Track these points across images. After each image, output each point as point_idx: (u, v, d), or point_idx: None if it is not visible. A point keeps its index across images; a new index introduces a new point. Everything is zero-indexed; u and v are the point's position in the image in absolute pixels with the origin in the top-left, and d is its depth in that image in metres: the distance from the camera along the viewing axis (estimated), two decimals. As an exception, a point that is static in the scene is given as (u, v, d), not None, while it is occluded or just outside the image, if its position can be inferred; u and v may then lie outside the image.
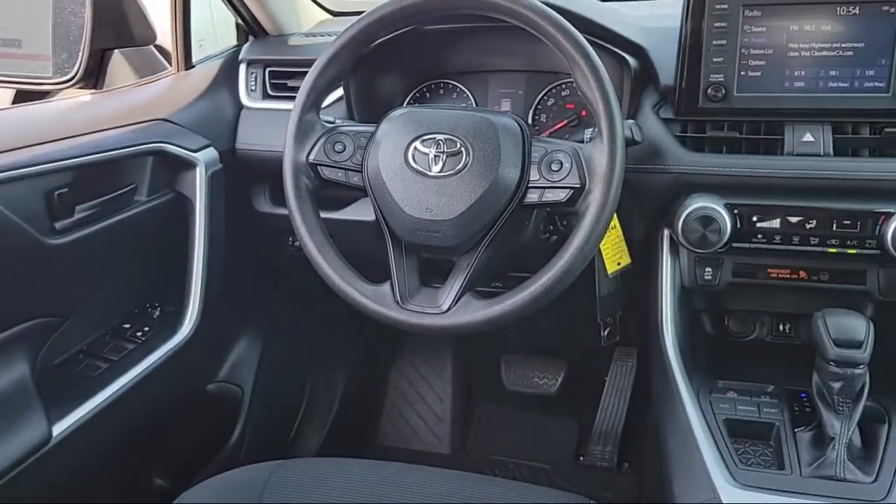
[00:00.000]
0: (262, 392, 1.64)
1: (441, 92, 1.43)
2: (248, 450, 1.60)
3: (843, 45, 1.08)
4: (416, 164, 1.05)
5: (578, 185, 1.00)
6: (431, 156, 1.04)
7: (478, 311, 1.02)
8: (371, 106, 1.37)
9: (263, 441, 1.66)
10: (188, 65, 1.47)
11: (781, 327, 1.30)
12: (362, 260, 1.13)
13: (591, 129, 1.09)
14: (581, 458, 1.87)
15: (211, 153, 1.35)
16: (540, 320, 1.57)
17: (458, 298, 1.04)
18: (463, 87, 1.42)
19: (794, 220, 1.12)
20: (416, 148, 1.05)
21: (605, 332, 1.30)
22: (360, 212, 1.32)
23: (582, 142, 1.06)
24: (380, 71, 1.38)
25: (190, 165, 1.32)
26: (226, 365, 1.58)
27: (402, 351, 2.05)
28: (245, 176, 1.46)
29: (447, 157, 1.04)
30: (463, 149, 1.03)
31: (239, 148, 1.44)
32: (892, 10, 1.05)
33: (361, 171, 1.10)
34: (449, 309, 1.04)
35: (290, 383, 1.81)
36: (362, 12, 1.09)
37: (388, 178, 1.06)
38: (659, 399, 1.17)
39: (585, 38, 1.02)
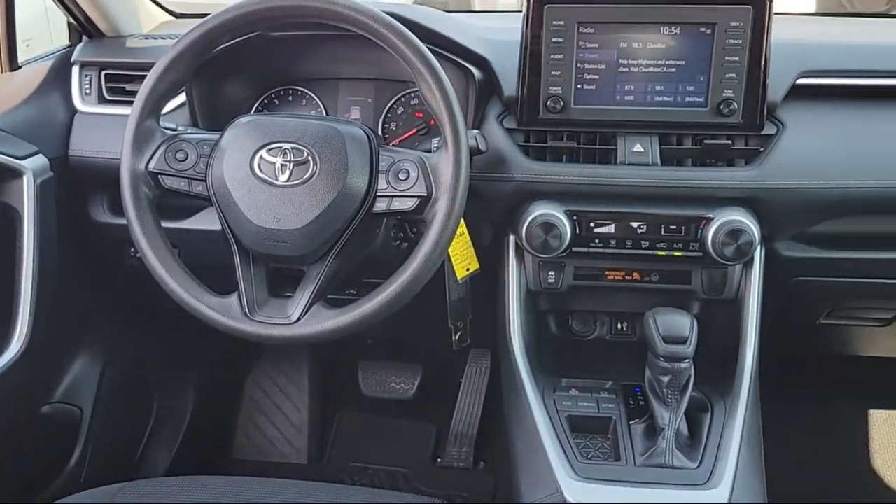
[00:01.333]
0: (104, 411, 1.55)
1: (290, 99, 1.42)
2: (90, 473, 1.52)
3: (667, 62, 1.17)
4: (263, 173, 1.03)
5: (425, 194, 1.02)
6: (278, 165, 1.03)
7: (328, 321, 1.02)
8: (216, 113, 1.33)
9: (107, 463, 1.57)
10: (13, 65, 1.37)
11: (619, 326, 1.38)
12: (210, 271, 1.10)
13: (438, 139, 1.12)
14: (439, 459, 1.90)
15: (40, 160, 1.27)
16: (395, 326, 1.59)
17: (308, 308, 1.03)
18: (312, 95, 1.41)
19: (627, 225, 1.19)
20: (262, 157, 1.04)
21: (457, 336, 1.33)
22: (207, 221, 1.29)
23: (430, 151, 1.08)
24: (225, 77, 1.35)
25: (16, 174, 1.23)
26: (63, 385, 1.48)
27: (257, 362, 2.00)
28: (80, 185, 1.38)
29: (294, 165, 1.03)
30: (310, 157, 1.03)
31: (72, 155, 1.36)
32: (708, 31, 1.14)
33: (205, 180, 1.07)
34: (298, 319, 1.03)
35: (136, 401, 1.73)
36: (206, 15, 1.06)
37: (234, 187, 1.04)
38: (507, 398, 1.21)
39: (430, 49, 1.04)
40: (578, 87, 1.18)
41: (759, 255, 1.21)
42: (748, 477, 1.04)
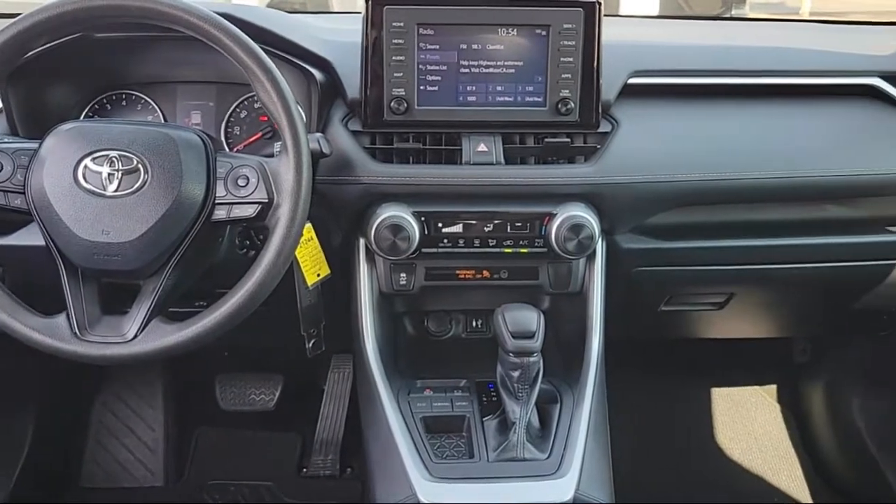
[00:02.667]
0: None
1: (124, 104, 1.34)
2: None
3: (506, 63, 1.19)
4: (88, 183, 0.97)
5: (266, 200, 1.00)
6: (105, 174, 0.97)
7: (167, 336, 0.97)
8: (39, 120, 1.23)
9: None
10: None
11: (475, 323, 1.40)
12: (39, 290, 1.03)
13: (280, 143, 1.09)
14: (304, 469, 1.86)
15: None
16: (250, 336, 1.54)
17: (146, 324, 0.98)
18: (148, 99, 1.34)
19: (474, 224, 1.21)
20: (86, 166, 0.97)
21: (310, 344, 1.30)
22: (31, 237, 1.19)
23: (272, 156, 1.05)
24: (47, 81, 1.26)
25: None
26: None
27: (106, 382, 1.89)
28: None
29: (123, 175, 0.97)
30: (140, 166, 0.98)
31: None
32: (543, 33, 1.17)
33: (24, 193, 0.99)
34: (135, 336, 0.98)
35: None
36: (17, 15, 0.98)
37: (56, 199, 0.97)
38: (363, 403, 1.20)
39: (268, 50, 1.01)
40: (421, 88, 1.19)
41: (600, 249, 1.26)
42: (595, 464, 1.08)
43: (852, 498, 1.83)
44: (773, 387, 2.08)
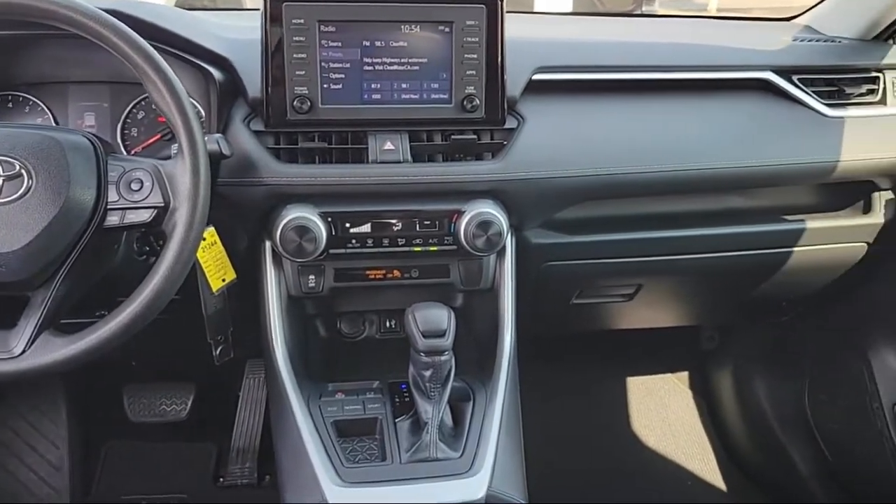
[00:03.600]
0: None
1: (10, 106, 1.27)
2: None
3: (410, 60, 1.18)
4: (-33, 190, 0.91)
5: (162, 205, 0.96)
6: (-15, 181, 0.91)
7: (58, 350, 0.92)
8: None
9: None
10: None
11: (388, 324, 1.38)
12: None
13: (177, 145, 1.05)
14: (221, 479, 1.81)
15: None
16: (158, 344, 1.49)
17: (34, 338, 0.93)
18: (37, 101, 1.27)
19: (382, 223, 1.20)
20: (-36, 172, 0.91)
21: (218, 351, 1.26)
22: None
23: (168, 158, 1.01)
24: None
25: None
26: None
27: (1, 399, 1.79)
28: None
29: (5, 181, 0.92)
30: (24, 171, 0.92)
31: None
32: (447, 29, 1.17)
33: None
34: (24, 352, 0.92)
35: None
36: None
37: (-70, 209, 0.91)
38: (273, 409, 1.17)
39: (160, 47, 0.97)
40: (325, 86, 1.16)
41: (510, 245, 1.27)
42: (507, 460, 1.08)
43: (760, 477, 1.90)
44: (685, 374, 2.14)
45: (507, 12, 1.19)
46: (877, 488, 1.59)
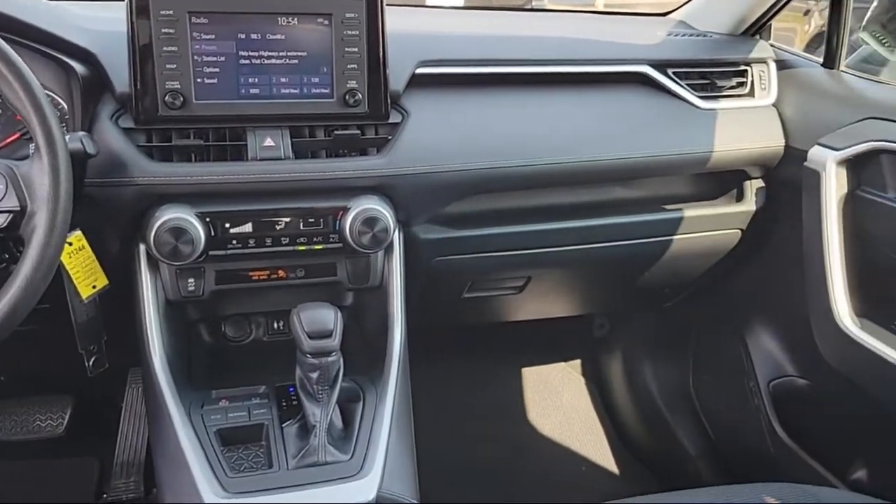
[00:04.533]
0: None
1: None
2: None
3: (289, 53, 1.14)
4: None
5: (18, 208, 0.90)
6: None
7: None
8: None
9: None
10: None
11: (276, 325, 1.34)
12: None
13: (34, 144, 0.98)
14: (104, 495, 1.72)
15: None
16: (22, 358, 1.39)
17: None
18: None
19: (264, 222, 1.16)
20: None
21: (91, 362, 1.19)
22: None
23: (26, 158, 0.94)
24: None
25: None
26: None
27: None
28: None
29: None
30: None
31: None
32: (326, 22, 1.14)
33: None
34: None
35: None
36: None
37: None
38: (151, 419, 1.12)
39: (15, 41, 0.90)
40: (198, 80, 1.11)
41: (397, 241, 1.25)
42: (398, 460, 1.07)
43: (649, 459, 1.97)
44: (578, 361, 2.19)
45: (390, 5, 1.17)
46: (755, 463, 1.67)
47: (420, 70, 1.26)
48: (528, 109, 1.34)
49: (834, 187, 1.31)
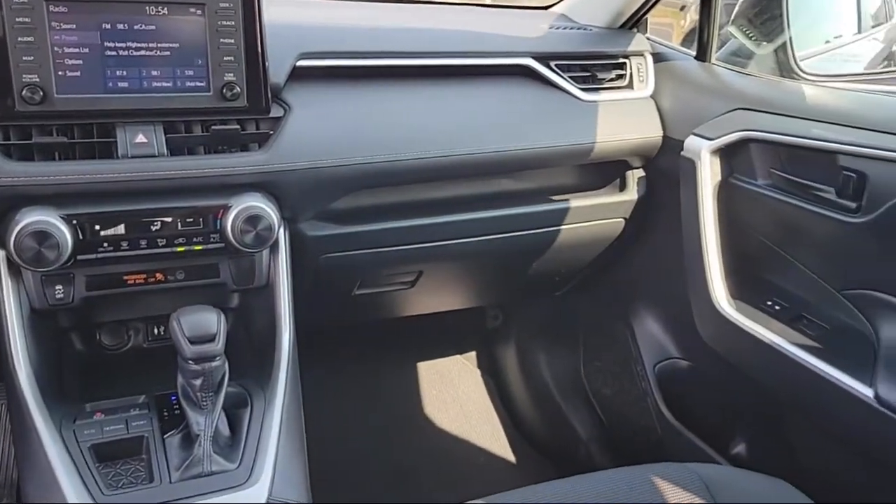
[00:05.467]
0: None
1: None
2: None
3: (159, 44, 1.08)
4: None
5: None
6: None
7: None
8: None
9: None
10: None
11: (156, 331, 1.28)
12: None
13: None
14: (-27, 520, 1.60)
15: None
16: None
17: None
18: None
19: (138, 223, 1.10)
20: None
21: (-55, 379, 1.10)
22: None
23: None
24: None
25: None
26: None
27: None
28: None
29: None
30: None
31: None
32: (199, 12, 1.08)
33: None
34: None
35: None
36: None
37: None
38: (17, 437, 1.04)
39: None
40: (59, 73, 1.04)
41: (283, 239, 1.21)
42: (289, 465, 1.04)
43: (545, 447, 2.00)
44: (473, 353, 2.20)
45: (271, -6, 1.13)
46: (644, 444, 1.73)
47: (301, 62, 1.23)
48: (414, 102, 1.33)
49: (708, 175, 1.36)
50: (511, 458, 1.98)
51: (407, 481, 1.86)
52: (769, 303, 1.34)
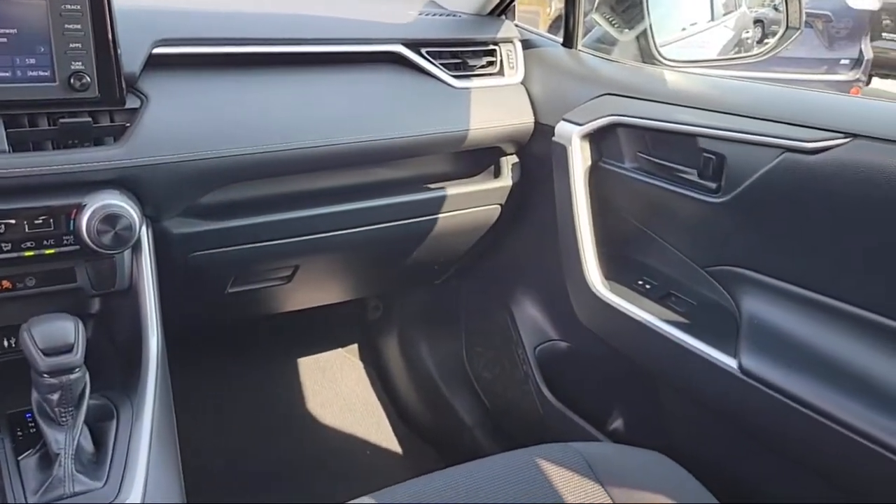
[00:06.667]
0: None
1: None
2: None
3: (-6, 30, 0.99)
4: None
5: None
6: None
7: None
8: None
9: None
10: None
11: (6, 343, 1.17)
12: None
13: None
14: None
15: None
16: None
17: None
18: None
19: None
20: None
21: None
22: None
23: None
24: None
25: None
26: None
27: None
28: None
29: None
30: None
31: None
32: (39, -5, 1.00)
33: None
34: None
35: None
36: None
37: None
38: None
39: None
40: None
41: (146, 238, 1.14)
42: (161, 477, 0.98)
43: (431, 436, 2.00)
44: (355, 346, 2.17)
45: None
46: (528, 427, 1.76)
47: (158, 50, 1.16)
48: (282, 92, 1.28)
49: (580, 160, 1.39)
50: (397, 449, 1.97)
51: (291, 481, 1.81)
52: (640, 282, 1.39)
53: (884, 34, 6.89)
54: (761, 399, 1.11)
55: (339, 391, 2.06)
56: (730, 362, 1.16)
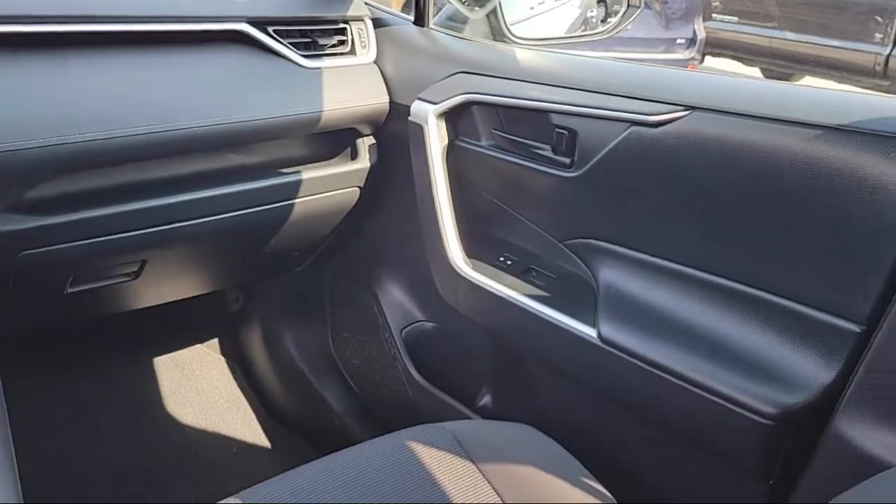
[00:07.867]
0: None
1: None
2: None
3: None
4: None
5: None
6: None
7: None
8: None
9: None
10: None
11: None
12: None
13: None
14: None
15: None
16: None
17: None
18: None
19: None
20: None
21: None
22: None
23: None
24: None
25: None
26: None
27: None
28: None
29: None
30: None
31: None
32: None
33: None
34: None
35: None
36: None
37: None
38: None
39: None
40: None
41: (-34, 238, 1.03)
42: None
43: (301, 427, 1.96)
44: (215, 340, 2.08)
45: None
46: (398, 411, 1.75)
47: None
48: (116, 74, 1.19)
49: (436, 139, 1.38)
50: (266, 444, 1.91)
51: (153, 487, 1.72)
52: (501, 258, 1.40)
53: (713, 15, 7.36)
54: (620, 365, 1.15)
55: (199, 388, 1.97)
56: (590, 332, 1.20)
